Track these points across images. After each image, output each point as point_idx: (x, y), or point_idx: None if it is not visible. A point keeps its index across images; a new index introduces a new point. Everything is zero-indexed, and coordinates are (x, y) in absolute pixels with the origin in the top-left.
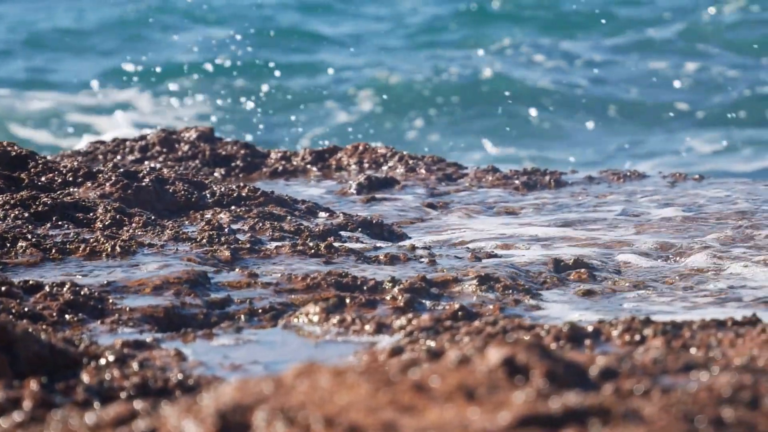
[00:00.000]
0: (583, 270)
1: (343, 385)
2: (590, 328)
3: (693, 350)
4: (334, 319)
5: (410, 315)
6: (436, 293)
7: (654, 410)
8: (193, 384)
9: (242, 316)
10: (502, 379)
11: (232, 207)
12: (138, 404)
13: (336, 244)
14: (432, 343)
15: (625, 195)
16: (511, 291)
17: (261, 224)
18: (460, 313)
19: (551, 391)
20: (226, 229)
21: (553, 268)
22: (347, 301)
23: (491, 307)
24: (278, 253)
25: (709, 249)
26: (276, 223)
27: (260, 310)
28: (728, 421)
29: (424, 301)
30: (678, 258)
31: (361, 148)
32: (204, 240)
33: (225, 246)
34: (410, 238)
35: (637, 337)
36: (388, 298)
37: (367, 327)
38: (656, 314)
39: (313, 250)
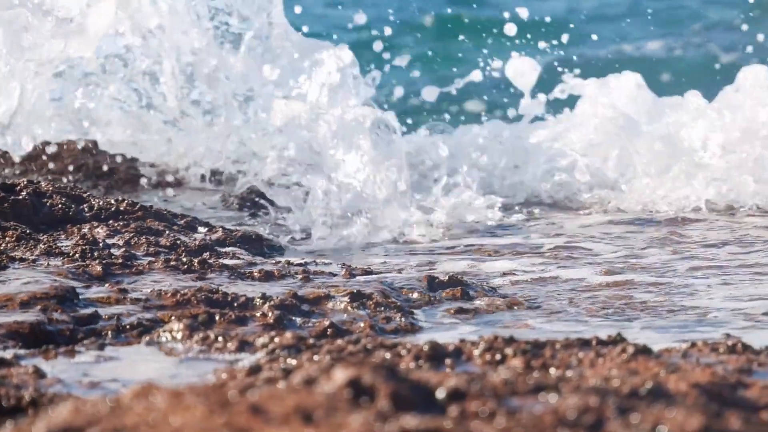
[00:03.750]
0: (457, 288)
1: (179, 406)
2: (451, 348)
3: (552, 370)
4: (197, 337)
5: (273, 333)
6: (307, 310)
7: None
8: (47, 402)
9: (109, 333)
10: (343, 401)
11: (110, 221)
12: None
13: (211, 260)
14: (293, 362)
15: (506, 213)
16: (383, 308)
17: (137, 239)
18: (329, 330)
19: (391, 414)
20: (101, 244)
21: (427, 286)
22: (216, 317)
23: (362, 324)
24: (151, 268)
25: (589, 266)
26: (153, 237)
27: (128, 327)
28: None
29: (294, 318)
30: (556, 276)
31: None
32: (77, 255)
33: (97, 261)
34: (289, 253)
35: (498, 357)
36: (258, 314)
37: (229, 345)
38: (527, 333)
39: (186, 266)
